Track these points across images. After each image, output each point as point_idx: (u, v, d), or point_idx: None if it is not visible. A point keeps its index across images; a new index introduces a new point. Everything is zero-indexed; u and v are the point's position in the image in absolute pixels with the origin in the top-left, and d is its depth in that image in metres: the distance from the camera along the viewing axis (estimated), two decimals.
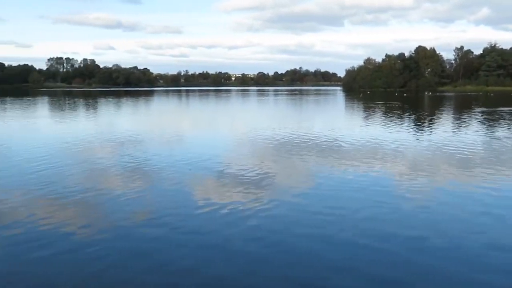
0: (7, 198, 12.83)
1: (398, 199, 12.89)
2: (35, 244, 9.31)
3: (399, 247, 9.23)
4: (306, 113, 52.33)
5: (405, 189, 14.10)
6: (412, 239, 9.70)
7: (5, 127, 33.50)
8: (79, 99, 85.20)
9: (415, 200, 12.82)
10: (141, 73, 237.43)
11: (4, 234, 9.95)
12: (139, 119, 44.06)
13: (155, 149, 22.01)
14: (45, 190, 13.71)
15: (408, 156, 19.95)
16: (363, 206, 12.07)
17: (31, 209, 11.78)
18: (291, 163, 18.68)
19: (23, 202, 12.45)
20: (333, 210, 11.77)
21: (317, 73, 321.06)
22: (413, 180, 15.28)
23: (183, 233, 10.07)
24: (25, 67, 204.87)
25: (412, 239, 9.68)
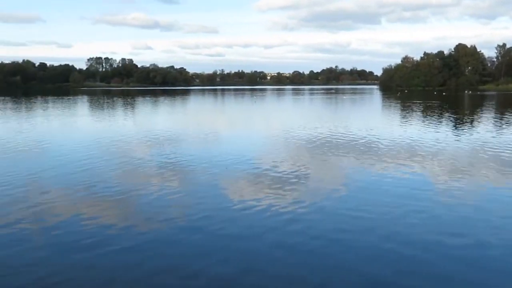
0: (50, 198, 13.20)
1: (439, 204, 12.50)
2: (77, 245, 9.53)
3: (442, 258, 8.81)
4: (342, 112, 51.84)
5: (445, 192, 13.73)
6: (455, 248, 9.32)
7: (47, 126, 34.49)
8: (117, 98, 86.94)
9: (458, 205, 12.46)
10: (177, 72, 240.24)
11: (48, 233, 10.23)
12: (176, 118, 44.59)
13: (192, 148, 22.23)
14: (86, 190, 14.04)
15: (448, 158, 19.48)
16: (405, 211, 11.78)
17: (73, 209, 12.09)
18: (327, 164, 18.54)
19: (65, 202, 12.79)
20: (373, 214, 11.51)
21: (353, 72, 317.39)
22: (454, 182, 14.88)
23: (222, 236, 10.00)
24: (66, 67, 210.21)
25: (455, 248, 9.30)
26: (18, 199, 12.76)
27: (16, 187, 14.05)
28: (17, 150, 21.59)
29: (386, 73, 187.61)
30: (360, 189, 14.05)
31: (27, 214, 11.35)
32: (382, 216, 11.30)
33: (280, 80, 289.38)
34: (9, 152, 20.86)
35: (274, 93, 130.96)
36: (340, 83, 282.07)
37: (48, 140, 25.09)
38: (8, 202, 12.44)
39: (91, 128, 33.70)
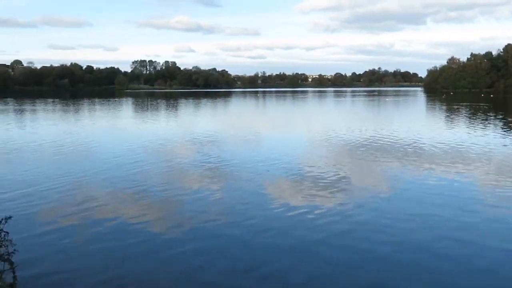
0: (98, 196, 13.61)
1: (485, 208, 12.24)
2: (126, 242, 9.83)
3: (496, 264, 8.65)
4: (385, 114, 51.02)
5: (491, 196, 13.37)
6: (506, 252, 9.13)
7: (95, 128, 35.51)
8: (161, 100, 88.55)
9: (504, 209, 12.11)
10: (219, 74, 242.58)
11: (98, 231, 10.56)
12: (218, 120, 45.04)
13: (234, 150, 22.41)
14: (132, 189, 14.41)
15: (496, 163, 18.89)
16: (449, 214, 11.57)
17: (121, 208, 12.45)
18: (370, 167, 18.32)
19: (113, 200, 13.17)
20: (416, 217, 11.39)
21: (396, 74, 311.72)
22: (502, 189, 14.43)
23: (267, 237, 10.11)
24: (111, 69, 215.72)
25: (506, 253, 9.11)
26: (62, 198, 13.21)
27: (66, 188, 14.56)
28: (66, 151, 22.35)
29: (431, 74, 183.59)
30: (404, 195, 13.80)
31: (70, 212, 11.74)
32: (425, 223, 11.05)
33: (322, 82, 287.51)
34: (59, 154, 21.62)
35: (315, 95, 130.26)
36: (382, 85, 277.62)
37: (96, 142, 25.86)
38: (59, 202, 12.92)
39: (136, 130, 34.46)
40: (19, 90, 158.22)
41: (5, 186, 14.47)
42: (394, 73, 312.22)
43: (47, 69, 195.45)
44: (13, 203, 12.47)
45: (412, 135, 28.08)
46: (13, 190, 13.98)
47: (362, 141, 25.60)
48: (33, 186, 14.56)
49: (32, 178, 15.81)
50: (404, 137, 27.04)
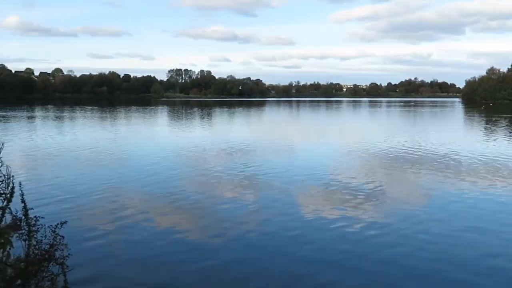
0: (136, 204, 13.81)
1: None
2: (158, 251, 9.88)
3: None
4: (422, 125, 50.15)
5: None
6: None
7: (132, 136, 36.18)
8: (196, 109, 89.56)
9: None
10: (253, 83, 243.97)
11: (135, 238, 10.69)
12: (252, 128, 45.21)
13: (269, 159, 22.39)
14: (169, 197, 14.53)
15: None
16: (493, 231, 11.15)
17: (157, 216, 12.57)
18: (405, 180, 18.01)
19: (150, 208, 13.32)
20: (459, 232, 11.00)
21: (433, 84, 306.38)
22: None
23: (306, 250, 9.92)
24: (148, 78, 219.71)
25: None
26: (99, 203, 13.46)
27: (104, 195, 14.80)
28: (105, 158, 22.78)
29: (470, 85, 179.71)
30: (439, 209, 13.31)
31: (107, 218, 11.95)
32: (469, 240, 10.67)
33: (356, 92, 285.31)
34: (97, 161, 22.07)
35: (350, 105, 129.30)
36: (419, 95, 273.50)
37: (133, 150, 26.31)
38: (97, 209, 13.15)
39: (172, 138, 34.93)
40: (58, 97, 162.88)
41: (44, 192, 14.82)
42: (431, 84, 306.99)
43: (86, 77, 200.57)
44: (52, 208, 12.75)
45: (451, 146, 27.47)
46: (52, 196, 14.28)
47: (399, 152, 25.22)
48: (72, 192, 14.85)
49: (71, 184, 16.13)
50: (442, 148, 26.49)
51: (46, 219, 3.68)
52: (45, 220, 3.67)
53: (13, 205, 3.68)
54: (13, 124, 45.02)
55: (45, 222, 3.63)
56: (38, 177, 17.27)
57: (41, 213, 3.70)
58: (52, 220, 3.75)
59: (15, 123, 45.75)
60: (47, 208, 12.45)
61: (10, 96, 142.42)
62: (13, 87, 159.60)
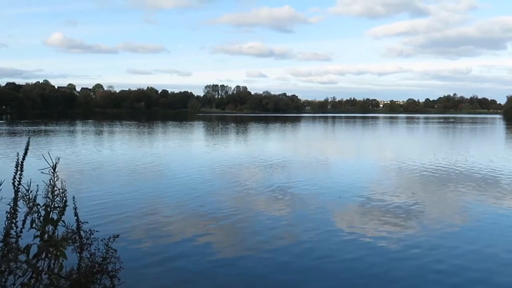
0: (170, 217, 14.08)
1: None
2: (191, 259, 10.10)
3: None
4: (460, 142, 49.08)
5: None
6: None
7: (169, 149, 36.79)
8: (232, 124, 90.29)
9: None
10: (289, 99, 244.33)
11: (165, 249, 10.93)
12: (288, 144, 45.22)
13: (304, 175, 22.38)
14: (202, 211, 14.78)
15: None
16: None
17: (190, 230, 12.80)
18: (442, 198, 17.68)
19: (186, 224, 13.57)
20: (492, 261, 10.77)
21: (473, 100, 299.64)
22: None
23: (341, 270, 9.99)
24: (185, 93, 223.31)
25: None
26: (137, 217, 13.77)
27: (139, 208, 15.16)
28: (138, 171, 23.31)
29: (511, 101, 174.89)
30: (476, 230, 13.06)
31: (151, 232, 12.21)
32: (497, 264, 10.41)
33: (393, 108, 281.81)
34: (134, 174, 22.58)
35: (386, 121, 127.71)
36: (458, 111, 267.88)
37: (169, 164, 26.80)
38: (136, 219, 13.48)
39: (208, 152, 35.30)
40: (99, 112, 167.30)
41: (92, 205, 15.24)
42: (471, 100, 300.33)
43: (125, 93, 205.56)
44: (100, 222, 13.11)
45: (491, 164, 26.81)
46: (100, 210, 14.67)
47: (437, 169, 24.78)
48: (119, 207, 15.26)
49: (117, 198, 16.56)
50: (481, 167, 25.87)
51: (98, 233, 3.89)
52: (98, 233, 3.87)
53: (66, 218, 3.90)
54: (57, 138, 46.52)
55: (97, 235, 3.83)
56: (85, 190, 17.77)
57: (92, 226, 3.91)
58: (103, 234, 3.95)
59: (59, 138, 47.26)
60: (95, 222, 12.83)
61: (53, 111, 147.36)
62: (56, 102, 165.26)
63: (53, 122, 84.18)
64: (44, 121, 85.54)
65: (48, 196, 3.80)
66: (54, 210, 3.83)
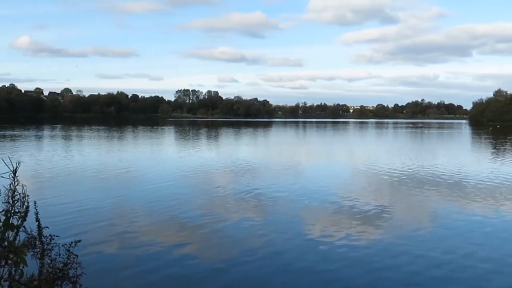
0: (141, 224, 13.92)
1: None
2: (166, 273, 10.00)
3: None
4: (428, 146, 50.06)
5: None
6: None
7: (136, 154, 36.38)
8: (203, 129, 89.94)
9: None
10: (260, 104, 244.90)
11: (131, 254, 10.80)
12: (259, 149, 45.30)
13: (275, 180, 22.45)
14: (173, 217, 14.68)
15: None
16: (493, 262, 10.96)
17: (160, 236, 12.68)
18: (411, 202, 18.01)
19: (153, 229, 13.44)
20: (456, 262, 10.97)
21: (440, 106, 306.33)
22: None
23: (312, 271, 10.07)
24: (155, 98, 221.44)
25: None
26: (110, 221, 13.58)
27: (108, 211, 14.96)
28: (109, 176, 22.99)
29: (477, 107, 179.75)
30: (444, 232, 13.36)
31: (118, 237, 12.05)
32: (464, 261, 10.76)
33: (363, 113, 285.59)
34: (102, 178, 22.25)
35: (356, 126, 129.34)
36: (426, 117, 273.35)
37: (139, 169, 26.49)
38: (102, 224, 13.27)
39: (178, 158, 35.07)
40: (67, 117, 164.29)
41: (56, 211, 14.93)
42: (438, 105, 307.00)
43: (95, 97, 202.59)
44: (64, 227, 12.85)
45: (458, 168, 27.45)
46: (64, 215, 14.40)
47: (404, 173, 25.23)
48: (83, 212, 15.01)
49: (82, 204, 16.27)
50: (448, 171, 26.45)
51: (60, 238, 3.81)
52: (59, 238, 3.79)
53: (28, 224, 3.80)
54: (22, 143, 45.44)
55: (59, 240, 3.76)
56: (49, 196, 17.40)
57: (54, 232, 3.82)
58: (65, 239, 3.87)
59: (24, 142, 46.17)
60: (59, 227, 12.55)
61: (20, 116, 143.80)
62: (23, 107, 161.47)
63: (20, 127, 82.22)
64: (10, 125, 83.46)
65: (8, 201, 3.70)
66: (14, 216, 3.73)
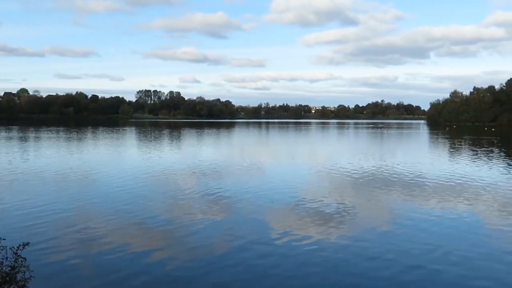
0: (101, 227, 13.59)
1: (487, 247, 12.09)
2: (124, 275, 9.78)
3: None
4: (388, 146, 51.07)
5: (493, 231, 13.32)
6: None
7: (96, 156, 35.58)
8: (165, 130, 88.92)
9: (505, 244, 12.06)
10: (223, 105, 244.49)
11: (92, 262, 10.52)
12: (221, 150, 45.10)
13: (238, 181, 22.40)
14: (131, 219, 14.39)
15: (499, 197, 18.82)
16: (448, 252, 11.42)
17: (122, 239, 12.41)
18: (372, 200, 18.28)
19: (116, 231, 13.13)
20: (415, 255, 11.25)
21: (399, 106, 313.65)
22: (502, 222, 14.39)
23: (277, 270, 10.04)
24: (116, 99, 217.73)
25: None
26: (66, 225, 13.19)
27: (65, 215, 14.55)
28: (68, 178, 22.39)
29: (434, 108, 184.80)
30: (405, 227, 13.70)
31: (74, 241, 11.72)
32: (425, 257, 11.01)
33: (325, 113, 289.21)
34: (61, 180, 21.65)
35: (318, 126, 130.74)
36: (386, 117, 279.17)
37: (99, 171, 25.91)
38: (57, 228, 12.88)
39: (138, 158, 34.49)
40: (24, 118, 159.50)
41: (8, 213, 14.44)
42: (397, 106, 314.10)
43: (53, 98, 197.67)
44: (16, 230, 12.42)
45: (416, 167, 28.07)
46: (16, 218, 13.96)
47: (365, 173, 25.60)
48: (37, 214, 14.57)
49: (36, 206, 15.80)
50: (407, 169, 27.03)
51: (8, 241, 3.63)
52: (7, 242, 3.61)
53: None
54: None
55: (6, 243, 3.58)
56: (6, 199, 16.79)
57: (4, 235, 3.64)
58: (15, 242, 3.69)
59: None
60: (10, 230, 12.13)
61: None
62: None
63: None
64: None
65: None
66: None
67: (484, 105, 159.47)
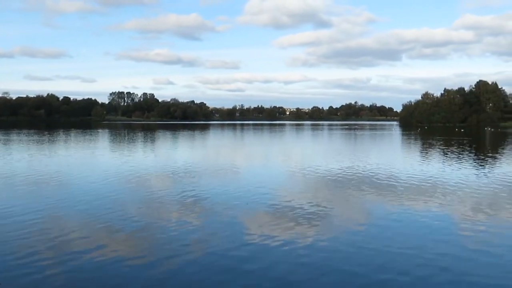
0: (75, 230, 13.36)
1: (459, 246, 12.32)
2: (102, 276, 9.64)
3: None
4: (361, 148, 51.64)
5: (465, 230, 13.59)
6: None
7: (68, 159, 35.00)
8: (138, 132, 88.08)
9: (476, 243, 12.31)
10: (197, 107, 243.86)
11: (64, 269, 10.34)
12: (196, 152, 44.90)
13: (212, 182, 22.33)
14: (105, 223, 14.18)
15: (469, 196, 19.22)
16: (422, 251, 11.58)
17: (96, 242, 12.22)
18: (346, 200, 18.45)
19: (89, 234, 12.93)
20: (390, 254, 11.42)
21: (372, 108, 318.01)
22: (474, 220, 14.70)
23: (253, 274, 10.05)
24: (88, 101, 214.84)
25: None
26: (38, 231, 12.93)
27: (41, 221, 14.25)
28: (38, 183, 21.96)
29: (406, 109, 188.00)
30: (379, 228, 13.87)
31: (46, 246, 11.50)
32: (399, 256, 11.18)
33: (299, 115, 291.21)
34: (31, 185, 21.23)
35: (293, 128, 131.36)
36: (359, 118, 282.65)
37: (69, 173, 25.49)
38: (28, 234, 12.62)
39: (111, 161, 34.06)
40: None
41: None
42: (371, 107, 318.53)
43: (23, 100, 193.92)
44: None
45: (389, 168, 28.46)
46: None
47: (339, 174, 25.83)
48: (6, 218, 14.24)
49: (3, 211, 15.45)
50: (380, 170, 27.38)
51: None
52: None
53: None
54: None
55: None
56: None
57: None
58: None
59: None
60: None
61: None
62: None
63: None
64: None
65: None
66: None
67: (454, 106, 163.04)
